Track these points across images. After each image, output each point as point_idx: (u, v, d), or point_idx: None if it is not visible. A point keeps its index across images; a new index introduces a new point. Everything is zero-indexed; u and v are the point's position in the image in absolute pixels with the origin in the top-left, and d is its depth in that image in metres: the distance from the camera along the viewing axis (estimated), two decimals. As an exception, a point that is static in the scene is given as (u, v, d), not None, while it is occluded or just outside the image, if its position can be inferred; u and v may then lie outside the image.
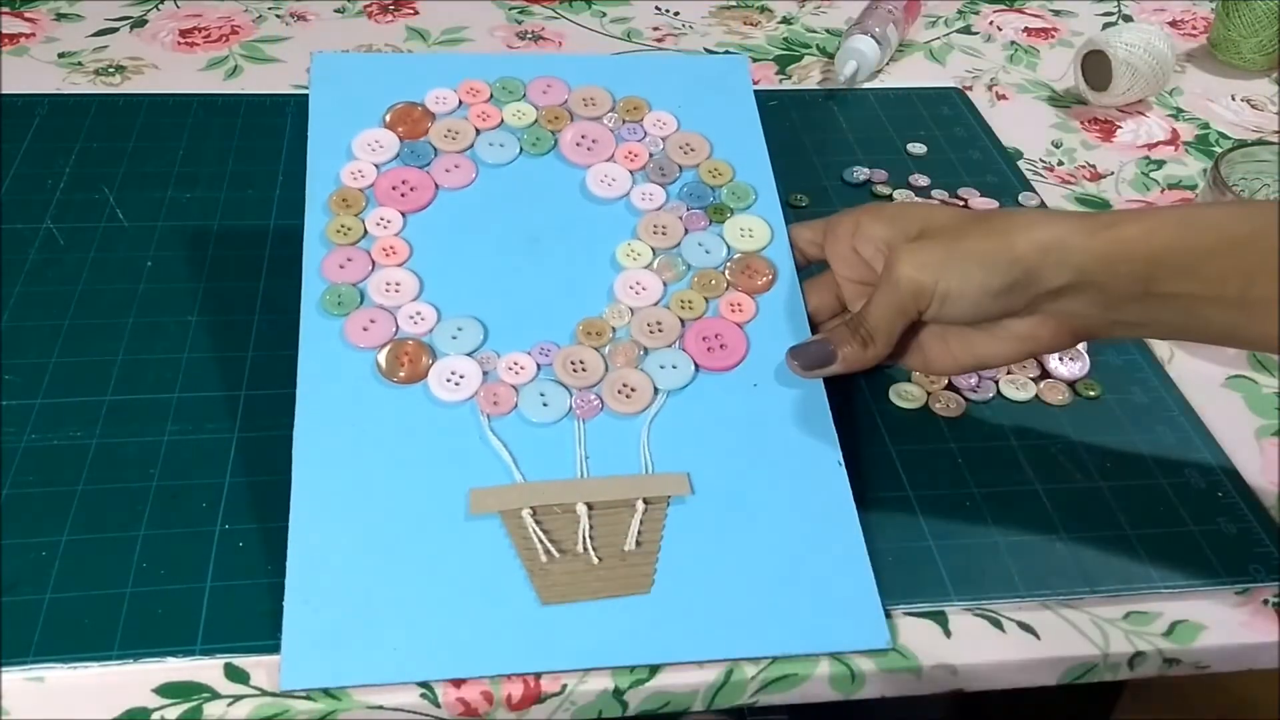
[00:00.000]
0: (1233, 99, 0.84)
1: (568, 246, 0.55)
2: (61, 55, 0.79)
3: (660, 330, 0.52)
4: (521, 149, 0.59)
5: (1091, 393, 0.57)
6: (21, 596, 0.45)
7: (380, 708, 0.42)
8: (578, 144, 0.59)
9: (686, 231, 0.56)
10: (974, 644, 0.46)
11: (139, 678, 0.43)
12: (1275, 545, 0.50)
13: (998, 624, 0.46)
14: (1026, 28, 0.93)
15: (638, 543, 0.46)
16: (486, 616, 0.44)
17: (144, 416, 0.52)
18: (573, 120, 0.60)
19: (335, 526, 0.45)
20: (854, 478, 0.49)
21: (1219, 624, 0.47)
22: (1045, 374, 0.58)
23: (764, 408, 0.50)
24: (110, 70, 0.78)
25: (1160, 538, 0.50)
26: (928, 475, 0.52)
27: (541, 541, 0.45)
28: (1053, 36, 0.92)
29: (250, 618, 0.44)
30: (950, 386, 0.57)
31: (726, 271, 0.55)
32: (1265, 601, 0.48)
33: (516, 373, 0.50)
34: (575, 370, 0.50)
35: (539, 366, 0.51)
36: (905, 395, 0.56)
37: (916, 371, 0.51)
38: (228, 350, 0.56)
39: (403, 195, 0.56)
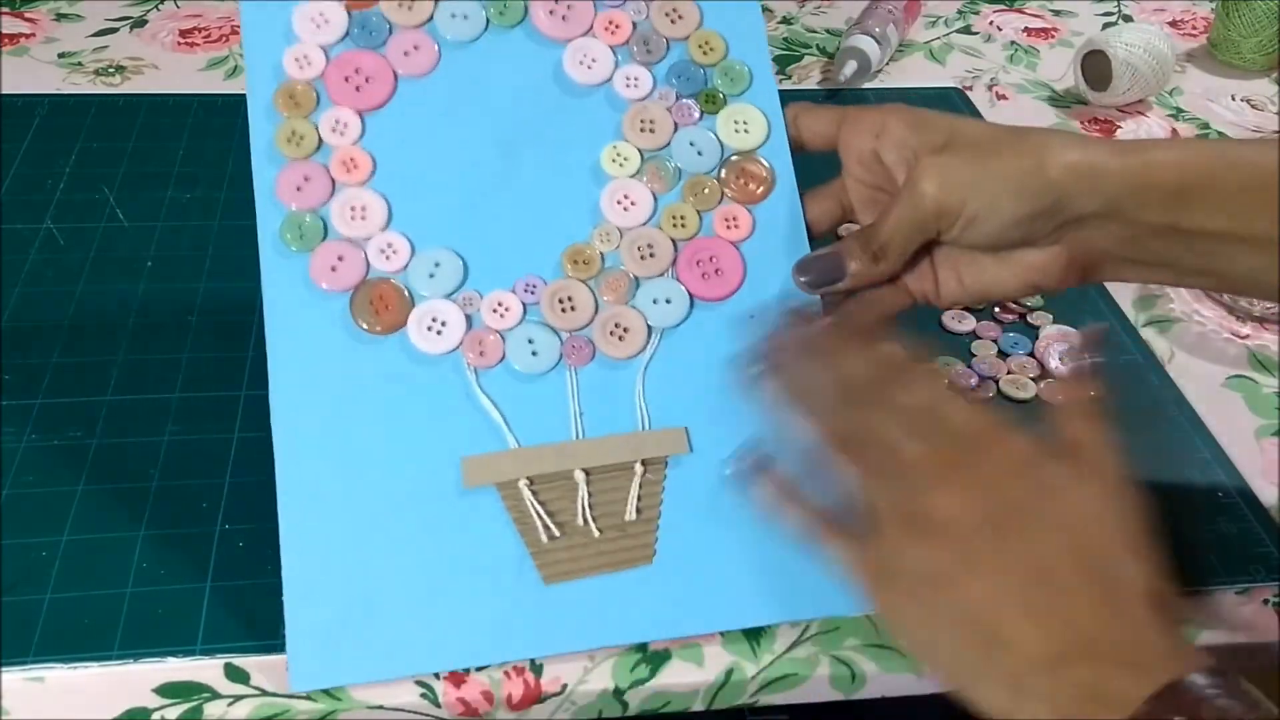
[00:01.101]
0: (1233, 99, 0.84)
1: (547, 152, 0.50)
2: (61, 55, 0.79)
3: (652, 255, 0.49)
4: (488, 20, 0.51)
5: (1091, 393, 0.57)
6: (21, 596, 0.45)
7: (381, 707, 0.43)
8: (551, 12, 0.51)
9: (676, 128, 0.51)
10: (974, 644, 0.46)
11: (139, 678, 0.43)
12: (1275, 545, 0.50)
13: (998, 624, 0.46)
14: (1026, 28, 0.93)
15: (638, 510, 0.45)
16: (490, 600, 0.44)
17: (144, 416, 0.52)
18: None
19: (327, 512, 0.44)
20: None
21: (1219, 624, 0.47)
22: (1045, 374, 0.58)
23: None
24: (110, 70, 0.78)
25: (1160, 537, 0.50)
26: (928, 475, 0.52)
27: (541, 518, 0.44)
28: (1053, 36, 0.92)
29: (250, 618, 0.44)
30: (950, 386, 0.57)
31: (721, 177, 0.50)
32: (1265, 601, 0.48)
33: (501, 315, 0.47)
34: (564, 309, 0.47)
35: (525, 307, 0.47)
36: (905, 395, 0.56)
37: (920, 301, 0.48)
38: (228, 350, 0.56)
39: (357, 89, 0.49)
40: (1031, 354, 0.59)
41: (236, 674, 0.43)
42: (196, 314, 0.58)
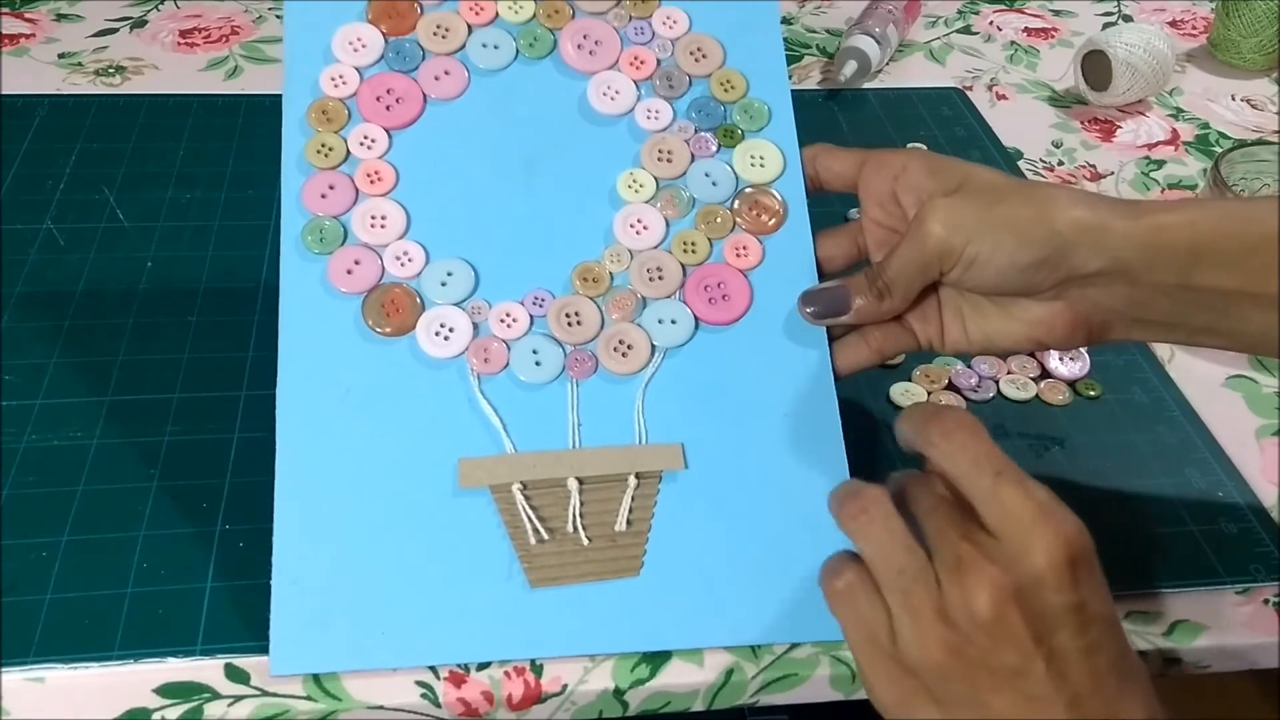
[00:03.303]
0: (1233, 99, 0.84)
1: (565, 174, 0.51)
2: (62, 56, 0.79)
3: (661, 278, 0.49)
4: (518, 51, 0.52)
5: (1091, 393, 0.57)
6: (21, 596, 0.45)
7: (381, 707, 0.43)
8: (579, 46, 0.53)
9: (693, 159, 0.52)
10: (974, 644, 0.46)
11: (139, 678, 0.43)
12: (1275, 545, 0.50)
13: (998, 624, 0.46)
14: (1026, 28, 0.93)
15: (628, 522, 0.46)
16: (475, 599, 0.44)
17: (144, 416, 0.52)
18: (574, 16, 0.53)
19: (322, 502, 0.44)
20: (855, 478, 0.49)
21: (1219, 624, 0.47)
22: (1045, 374, 0.58)
23: (763, 371, 0.48)
24: (110, 71, 0.78)
25: (1160, 538, 0.50)
26: (928, 475, 0.52)
27: (531, 522, 0.45)
28: (1053, 36, 0.92)
29: (250, 618, 0.44)
30: (950, 387, 0.57)
31: (734, 208, 0.51)
32: (1265, 601, 0.48)
33: (509, 325, 0.48)
34: (570, 324, 0.48)
35: (532, 319, 0.48)
36: (905, 395, 0.56)
37: (924, 346, 0.49)
38: (228, 350, 0.56)
39: (387, 108, 0.50)
40: (1032, 354, 0.59)
41: (237, 674, 0.43)
42: (196, 314, 0.58)
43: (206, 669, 0.43)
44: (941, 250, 0.44)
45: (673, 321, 0.49)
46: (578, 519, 0.45)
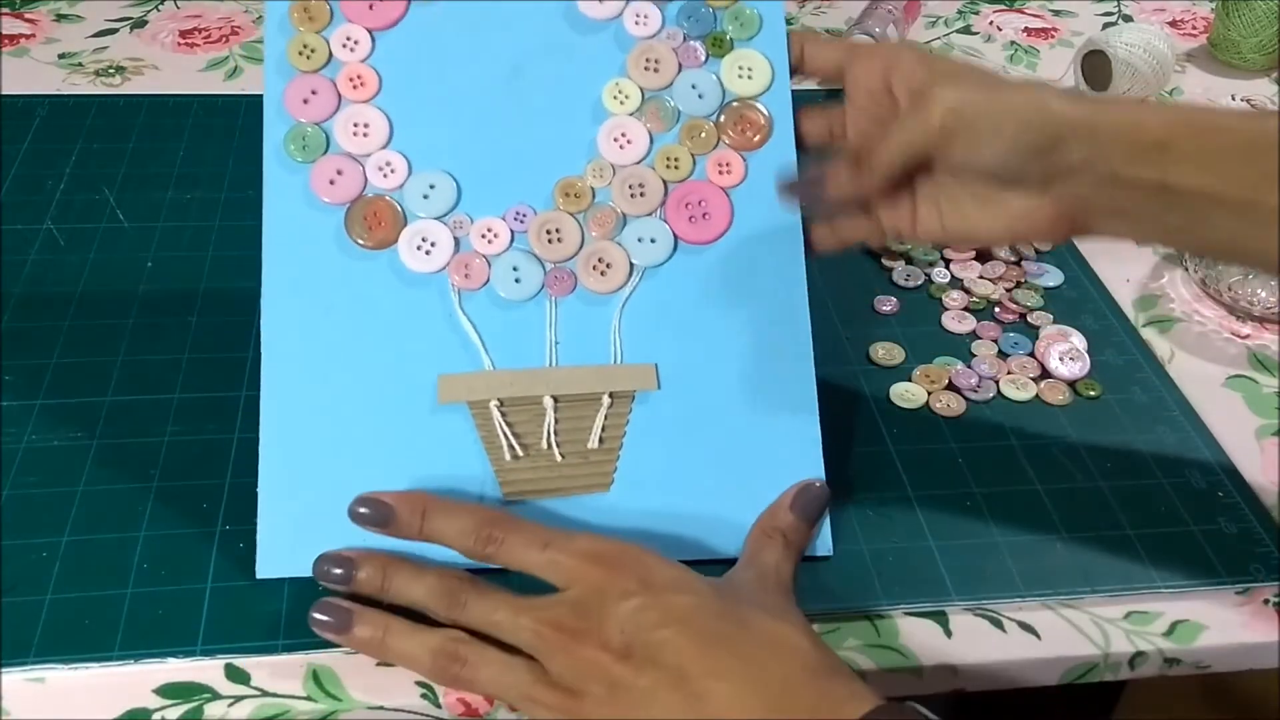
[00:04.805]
0: (1233, 99, 0.84)
1: (550, 83, 0.50)
2: (62, 56, 0.80)
3: (642, 194, 0.49)
4: None
5: (1091, 393, 0.57)
6: (21, 597, 0.45)
7: (381, 708, 0.43)
8: None
9: (680, 69, 0.51)
10: (975, 644, 0.46)
11: (139, 678, 0.43)
12: (1275, 545, 0.50)
13: (998, 624, 0.46)
14: (1026, 28, 0.93)
15: (600, 440, 0.47)
16: None
17: (144, 416, 0.52)
18: None
19: (307, 416, 0.46)
20: (854, 478, 0.49)
21: (1219, 624, 0.47)
22: (1045, 374, 0.58)
23: (739, 293, 0.49)
24: (110, 71, 0.78)
25: (1160, 538, 0.50)
26: (928, 475, 0.52)
27: (507, 438, 0.46)
28: (1053, 36, 0.92)
29: (251, 618, 0.44)
30: (950, 387, 0.57)
31: (719, 122, 0.51)
32: (1265, 601, 0.48)
33: (490, 241, 0.48)
34: (550, 241, 0.49)
35: (513, 234, 0.49)
36: (905, 395, 0.56)
37: (897, 237, 0.49)
38: (228, 350, 0.56)
39: (370, 7, 0.50)
40: (1031, 354, 0.59)
41: (237, 674, 0.43)
42: (196, 314, 0.58)
43: (206, 669, 0.43)
44: (945, 126, 0.44)
45: (652, 240, 0.49)
46: (552, 436, 0.47)
